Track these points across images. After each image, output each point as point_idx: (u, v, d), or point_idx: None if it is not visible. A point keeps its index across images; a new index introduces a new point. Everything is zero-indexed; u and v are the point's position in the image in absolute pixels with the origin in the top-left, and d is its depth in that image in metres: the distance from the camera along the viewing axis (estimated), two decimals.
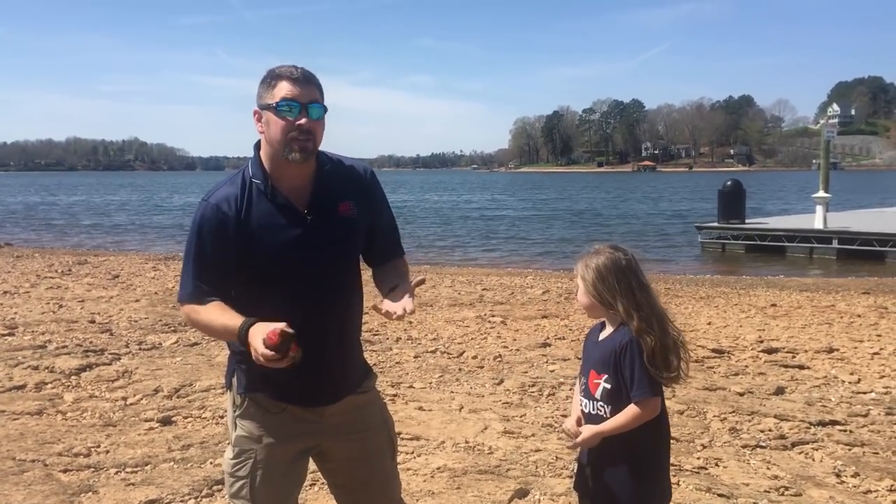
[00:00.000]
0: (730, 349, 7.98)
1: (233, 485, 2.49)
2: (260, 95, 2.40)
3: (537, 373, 6.98)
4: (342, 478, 2.66)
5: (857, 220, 22.62)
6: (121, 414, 5.70)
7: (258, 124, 2.42)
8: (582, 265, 2.55)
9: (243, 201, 2.38)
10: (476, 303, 11.33)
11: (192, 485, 4.34)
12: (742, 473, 4.58)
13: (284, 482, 2.53)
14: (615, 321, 2.53)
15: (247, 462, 2.46)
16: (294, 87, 2.34)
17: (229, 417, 2.55)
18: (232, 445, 2.51)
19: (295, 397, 2.45)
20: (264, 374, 2.28)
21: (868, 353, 7.75)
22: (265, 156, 2.44)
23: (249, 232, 2.35)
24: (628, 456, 2.49)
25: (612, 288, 2.48)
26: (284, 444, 2.48)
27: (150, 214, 43.11)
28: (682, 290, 13.31)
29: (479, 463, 4.72)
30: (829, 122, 23.09)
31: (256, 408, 2.47)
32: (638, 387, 2.42)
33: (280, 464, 2.48)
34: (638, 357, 2.42)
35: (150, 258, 18.34)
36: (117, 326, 8.98)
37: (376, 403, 2.69)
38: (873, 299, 11.83)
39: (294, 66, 2.40)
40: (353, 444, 2.57)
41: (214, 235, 2.35)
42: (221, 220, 2.35)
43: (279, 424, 2.47)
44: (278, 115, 2.33)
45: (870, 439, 5.18)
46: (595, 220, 37.14)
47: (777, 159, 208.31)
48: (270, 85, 2.36)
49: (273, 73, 2.38)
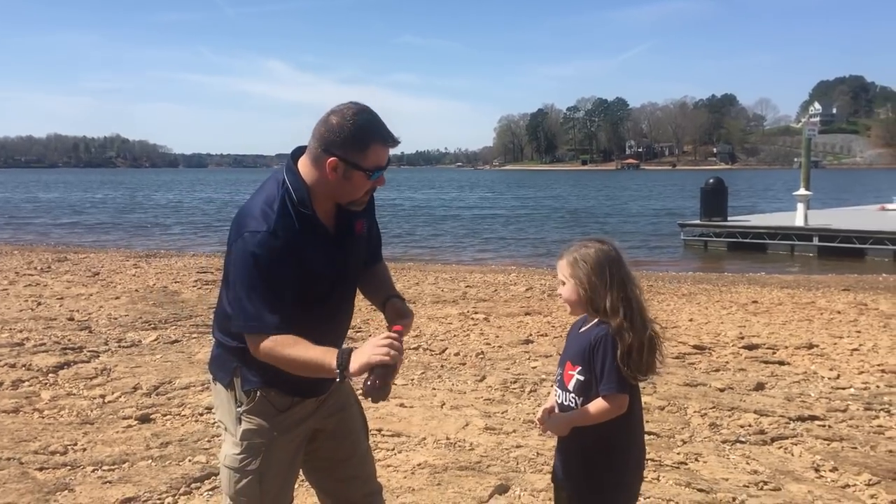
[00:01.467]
0: (711, 345, 8.01)
1: (239, 480, 2.49)
2: (344, 146, 2.31)
3: (519, 369, 6.98)
4: (324, 458, 2.70)
5: (838, 218, 22.82)
6: (99, 412, 5.64)
7: (330, 171, 2.34)
8: (570, 259, 2.53)
9: (294, 227, 2.35)
10: (459, 300, 11.33)
11: (170, 483, 4.30)
12: (721, 468, 4.59)
13: (290, 473, 2.60)
14: (592, 314, 2.53)
15: (257, 456, 2.47)
16: (385, 154, 2.39)
17: (230, 413, 2.53)
18: (237, 441, 2.49)
19: (304, 391, 2.51)
20: (273, 371, 2.37)
21: (847, 349, 7.81)
22: (312, 182, 2.39)
23: (301, 258, 2.35)
24: (597, 449, 2.51)
25: (606, 281, 2.47)
26: (292, 434, 2.53)
27: (131, 212, 42.78)
28: (664, 287, 13.36)
29: (459, 459, 4.70)
30: (810, 120, 23.21)
31: (266, 402, 2.48)
32: (607, 381, 2.43)
33: (288, 455, 2.54)
34: (611, 352, 2.43)
35: (130, 255, 18.19)
36: (96, 324, 8.89)
37: (347, 382, 2.73)
38: (853, 296, 11.92)
39: (379, 119, 2.37)
40: (334, 422, 2.67)
41: (280, 264, 2.30)
42: (283, 248, 2.30)
43: (288, 416, 2.51)
44: (368, 178, 2.36)
45: (848, 434, 5.22)
46: (587, 219, 37.14)
47: (759, 158, 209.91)
48: (363, 144, 2.31)
49: (366, 130, 2.32)
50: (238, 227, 2.36)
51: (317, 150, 2.35)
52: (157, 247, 22.39)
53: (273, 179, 2.45)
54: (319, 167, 2.35)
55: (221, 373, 2.56)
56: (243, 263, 2.30)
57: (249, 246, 2.29)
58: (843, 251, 19.64)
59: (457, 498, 4.15)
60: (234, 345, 2.49)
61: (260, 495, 2.50)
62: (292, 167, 2.42)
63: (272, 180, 2.45)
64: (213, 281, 12.55)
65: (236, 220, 2.40)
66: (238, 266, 2.31)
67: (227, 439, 2.55)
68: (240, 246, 2.31)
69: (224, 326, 2.53)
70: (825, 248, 20.04)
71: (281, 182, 2.40)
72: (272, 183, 2.43)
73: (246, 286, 2.30)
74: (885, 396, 6.08)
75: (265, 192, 2.41)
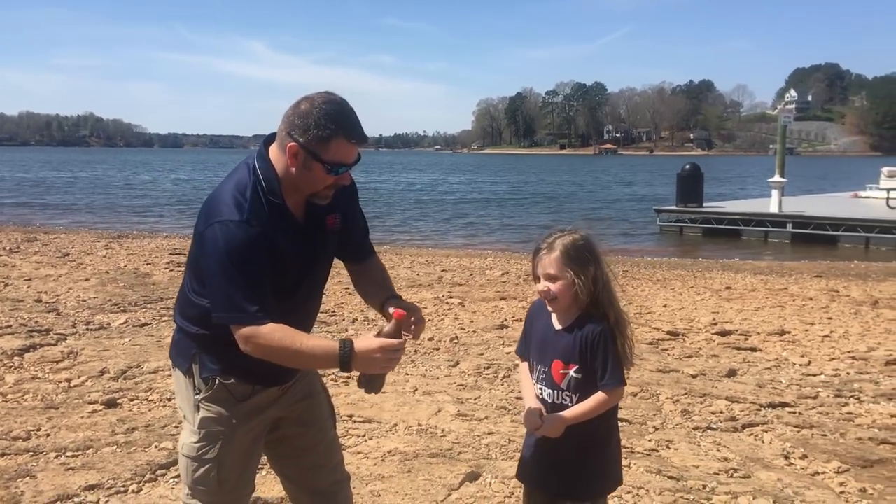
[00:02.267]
0: (684, 331, 8.03)
1: (197, 469, 2.43)
2: (306, 134, 2.21)
3: (493, 355, 6.95)
4: (289, 446, 2.66)
5: (812, 205, 23.03)
6: (64, 396, 5.53)
7: (291, 158, 2.25)
8: (562, 252, 2.41)
9: (265, 215, 2.26)
10: (434, 284, 11.27)
11: (134, 469, 4.22)
12: (692, 455, 4.59)
13: (250, 462, 2.54)
14: (576, 309, 2.47)
15: (215, 444, 2.42)
16: (350, 152, 2.28)
17: (188, 401, 2.47)
18: (195, 429, 2.44)
19: (265, 380, 2.45)
20: (233, 359, 2.31)
21: (819, 335, 7.86)
22: (280, 170, 2.30)
23: (272, 247, 2.25)
24: (591, 442, 2.48)
25: (603, 272, 2.45)
26: (252, 422, 2.48)
27: (103, 192, 42.21)
28: (639, 272, 13.40)
29: (431, 446, 4.66)
30: (786, 107, 23.58)
31: (225, 390, 2.42)
32: (611, 376, 2.41)
33: (248, 443, 2.49)
34: (612, 347, 2.41)
35: (102, 236, 17.93)
36: (65, 306, 8.74)
37: (315, 372, 2.73)
38: (825, 283, 12.03)
39: (352, 113, 2.26)
40: (300, 410, 2.62)
41: (256, 252, 2.21)
42: (257, 236, 2.21)
43: (248, 404, 2.45)
44: (328, 172, 2.26)
45: (818, 421, 5.24)
46: (568, 204, 37.00)
47: (735, 144, 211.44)
48: (325, 137, 2.20)
49: (332, 121, 2.21)
50: (208, 214, 2.26)
51: (283, 132, 2.27)
52: (129, 228, 22.11)
53: (244, 165, 2.35)
54: (284, 152, 2.27)
55: (180, 359, 2.50)
56: (218, 254, 2.19)
57: (224, 235, 2.19)
58: (816, 238, 19.83)
59: (427, 485, 4.11)
60: (194, 331, 2.43)
61: (218, 484, 2.45)
62: (263, 153, 2.34)
63: (243, 166, 2.35)
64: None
65: (207, 207, 2.30)
66: (212, 256, 2.21)
67: (186, 427, 2.50)
68: (212, 235, 2.21)
69: (185, 312, 2.47)
70: (799, 235, 20.22)
71: (252, 168, 2.32)
72: (243, 169, 2.34)
73: (223, 277, 2.20)
74: (855, 384, 6.12)
75: (235, 177, 2.32)
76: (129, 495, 3.96)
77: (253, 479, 2.61)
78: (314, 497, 2.73)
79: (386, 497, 3.97)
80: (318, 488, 2.72)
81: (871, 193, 26.55)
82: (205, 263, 2.25)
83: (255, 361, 2.30)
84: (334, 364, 2.17)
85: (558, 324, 2.51)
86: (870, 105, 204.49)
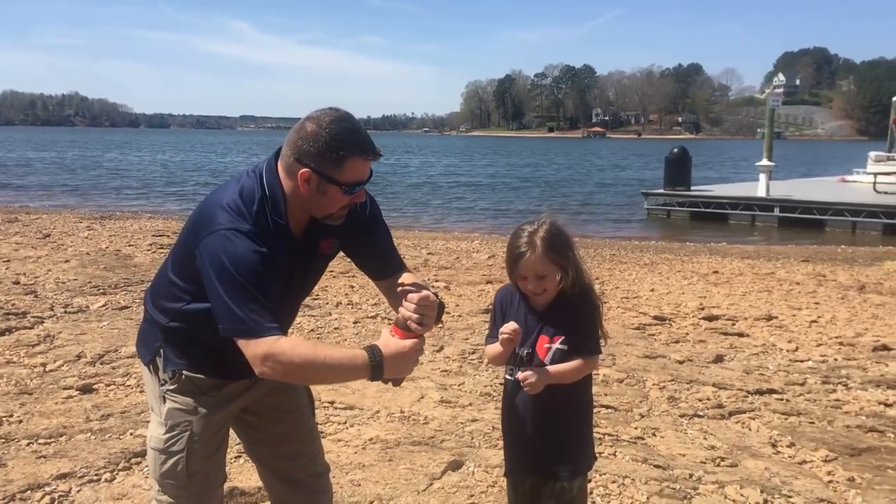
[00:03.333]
0: (671, 316, 7.96)
1: (165, 462, 2.35)
2: (319, 158, 2.11)
3: (478, 340, 6.85)
4: (266, 433, 2.58)
5: (799, 189, 23.01)
6: (38, 381, 5.40)
7: (303, 183, 2.14)
8: (543, 250, 2.45)
9: (269, 230, 2.15)
10: (420, 267, 11.16)
11: (108, 458, 4.11)
12: (679, 444, 4.52)
13: (219, 451, 2.46)
14: (553, 292, 2.52)
15: (182, 435, 2.33)
16: (365, 169, 2.18)
17: (154, 392, 2.39)
18: (162, 420, 2.35)
19: (234, 374, 2.35)
20: (200, 354, 2.27)
21: (806, 321, 7.81)
22: (287, 190, 2.20)
23: (273, 262, 2.14)
24: (576, 408, 2.59)
25: (576, 253, 2.55)
26: (220, 412, 2.40)
27: (88, 172, 41.76)
28: (626, 256, 13.34)
29: (413, 434, 4.57)
30: (774, 91, 23.30)
31: (191, 383, 2.34)
32: (594, 346, 2.53)
33: (217, 434, 2.42)
34: (593, 318, 2.55)
35: (84, 217, 17.70)
36: (43, 288, 8.58)
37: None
38: (812, 267, 12.00)
39: (361, 129, 2.17)
40: (275, 396, 2.54)
41: (263, 262, 2.09)
42: (261, 245, 2.10)
43: (216, 395, 2.37)
44: (344, 193, 2.16)
45: (806, 409, 5.18)
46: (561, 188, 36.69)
47: (723, 128, 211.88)
48: (339, 156, 2.10)
49: (344, 141, 2.11)
50: (210, 220, 2.13)
51: (289, 158, 2.16)
52: (112, 209, 21.84)
53: (252, 175, 2.23)
54: (292, 177, 2.16)
55: (144, 350, 2.42)
56: (221, 263, 2.06)
57: (228, 244, 2.07)
58: (803, 222, 19.84)
59: (408, 474, 4.03)
60: (164, 323, 2.34)
61: (187, 477, 2.36)
62: (273, 168, 2.22)
63: (251, 175, 2.23)
64: (170, 245, 12.22)
65: (207, 212, 2.17)
66: (216, 266, 2.07)
67: (153, 419, 2.42)
68: (216, 240, 2.08)
69: (159, 302, 2.37)
70: (786, 219, 20.22)
71: (260, 180, 2.20)
72: (251, 179, 2.22)
73: (229, 288, 2.06)
74: (843, 370, 6.07)
75: (241, 185, 2.20)
76: (101, 484, 3.85)
77: (223, 469, 2.53)
78: (290, 487, 2.64)
79: (366, 486, 3.88)
80: (296, 478, 2.63)
81: (858, 178, 26.59)
82: (208, 272, 2.10)
83: (221, 357, 2.23)
84: (364, 374, 2.04)
85: (539, 306, 2.55)
86: (857, 89, 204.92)
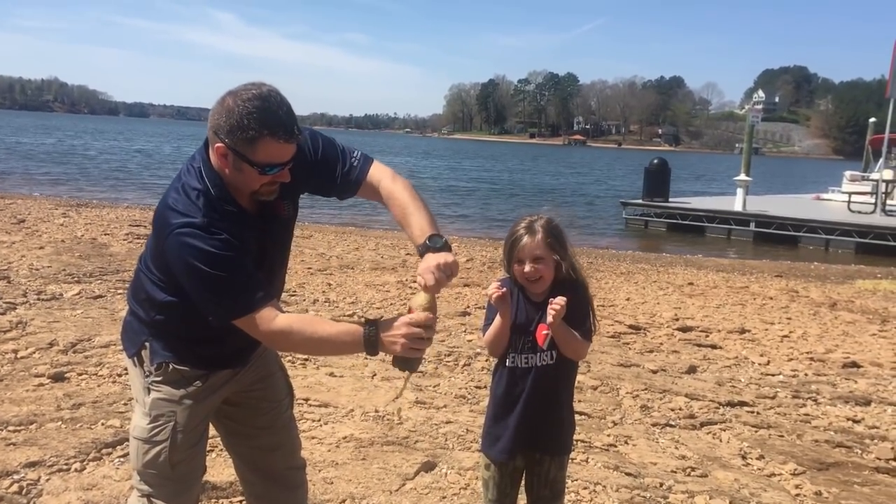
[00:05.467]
0: (646, 326, 8.03)
1: (148, 451, 2.34)
2: (232, 134, 2.06)
3: (454, 342, 6.87)
4: (244, 424, 2.58)
5: (775, 205, 23.26)
6: (9, 368, 5.33)
7: (220, 158, 2.12)
8: (544, 235, 2.57)
9: (222, 219, 2.12)
10: (399, 267, 11.16)
11: (79, 447, 4.07)
12: (650, 452, 4.56)
13: (200, 442, 2.46)
14: (549, 281, 2.62)
15: (166, 426, 2.33)
16: (282, 151, 2.10)
17: (139, 383, 2.38)
18: (146, 411, 2.34)
19: (219, 364, 2.38)
20: (186, 346, 2.27)
21: (778, 335, 7.91)
22: (218, 170, 2.17)
23: (236, 243, 2.12)
24: (569, 395, 2.74)
25: (572, 250, 2.67)
26: (204, 403, 2.40)
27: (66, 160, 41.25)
28: (603, 264, 13.41)
29: (387, 434, 4.57)
30: (754, 107, 23.53)
31: (177, 373, 2.33)
32: (588, 332, 2.63)
33: (200, 425, 2.43)
34: (590, 306, 2.66)
35: (60, 203, 17.49)
36: (16, 274, 8.46)
37: (272, 350, 2.65)
38: (785, 282, 12.15)
39: (279, 109, 2.07)
40: (256, 389, 2.56)
41: (224, 249, 2.07)
42: (217, 231, 2.08)
43: (200, 385, 2.37)
44: (261, 173, 2.11)
45: (776, 422, 5.25)
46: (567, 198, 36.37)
47: (702, 141, 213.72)
48: (251, 136, 2.04)
49: (257, 121, 2.04)
50: (164, 223, 2.13)
51: (210, 131, 2.13)
52: (88, 196, 21.60)
53: (192, 169, 2.21)
54: (213, 152, 2.15)
55: (129, 344, 2.41)
56: (187, 262, 2.06)
57: (186, 242, 2.06)
58: (777, 238, 20.07)
59: (381, 474, 4.03)
60: (146, 317, 2.34)
61: (170, 467, 2.35)
62: (206, 156, 2.20)
63: (191, 171, 2.21)
64: (146, 235, 12.10)
65: (160, 216, 2.16)
66: (183, 267, 2.07)
67: (137, 409, 2.41)
68: (174, 243, 2.07)
69: (138, 296, 2.37)
70: (761, 234, 20.44)
71: (199, 175, 2.18)
72: (191, 174, 2.20)
73: (205, 282, 2.07)
74: (813, 385, 6.15)
75: (182, 182, 2.19)
76: (71, 474, 3.81)
77: (204, 460, 2.52)
78: (267, 481, 2.64)
79: (339, 485, 3.88)
80: (272, 471, 2.63)
81: (832, 196, 26.92)
82: (180, 274, 2.10)
83: (210, 350, 2.28)
84: (359, 348, 2.05)
85: (536, 297, 2.63)
86: (835, 109, 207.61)
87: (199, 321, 2.16)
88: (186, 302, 2.17)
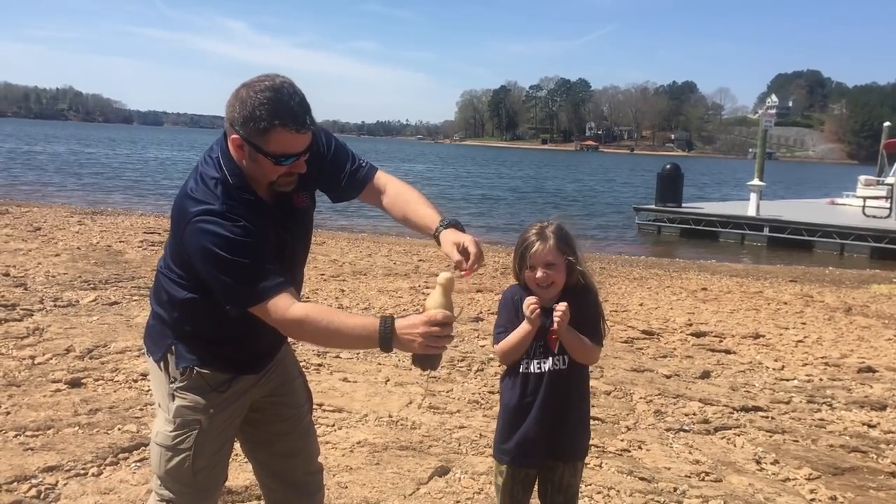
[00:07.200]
0: (659, 331, 8.01)
1: (171, 459, 2.35)
2: (245, 125, 2.10)
3: (467, 347, 6.88)
4: (264, 430, 2.59)
5: (789, 210, 23.13)
6: (27, 373, 5.39)
7: (236, 149, 2.17)
8: (556, 241, 2.60)
9: (240, 207, 2.15)
10: (411, 273, 11.18)
11: (96, 452, 4.10)
12: (664, 457, 4.56)
13: (225, 451, 2.48)
14: (560, 286, 2.64)
15: (191, 433, 2.34)
16: (295, 141, 2.14)
17: (163, 389, 2.39)
18: (170, 418, 2.36)
19: (243, 368, 2.40)
20: (211, 348, 2.29)
21: (793, 340, 7.88)
22: (237, 159, 2.21)
23: (254, 231, 2.15)
24: (580, 408, 2.73)
25: (582, 256, 2.69)
26: (229, 410, 2.41)
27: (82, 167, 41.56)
28: (616, 270, 13.40)
29: (400, 438, 4.59)
30: (767, 112, 23.49)
31: (201, 380, 2.34)
32: (599, 337, 2.65)
33: (223, 432, 2.43)
34: (600, 310, 2.70)
35: (76, 211, 17.62)
36: (33, 281, 8.55)
37: (291, 354, 2.69)
38: (800, 287, 12.09)
39: (291, 99, 2.10)
40: (277, 395, 2.57)
41: (243, 235, 2.10)
42: (237, 217, 2.12)
43: (224, 392, 2.39)
44: (276, 164, 2.15)
45: (791, 427, 5.23)
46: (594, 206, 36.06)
47: (715, 146, 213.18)
48: (263, 127, 2.09)
49: (270, 111, 2.08)
50: (182, 213, 2.16)
51: (226, 123, 2.18)
52: (104, 204, 21.77)
53: (209, 160, 2.25)
54: (229, 143, 2.19)
55: (154, 347, 2.42)
56: (206, 250, 2.09)
57: (206, 229, 2.09)
58: (792, 242, 19.96)
59: (395, 479, 4.04)
60: (170, 319, 2.36)
61: (192, 475, 2.37)
62: (224, 147, 2.23)
63: (209, 161, 2.25)
64: (161, 242, 12.19)
65: (178, 206, 2.19)
66: (202, 254, 2.10)
67: (160, 415, 2.42)
68: (193, 230, 2.10)
69: (160, 298, 2.39)
70: (775, 239, 20.34)
71: (217, 164, 2.22)
72: (209, 164, 2.24)
73: (224, 269, 2.09)
74: (828, 390, 6.13)
75: (200, 172, 2.23)
76: (88, 478, 3.85)
77: (227, 467, 2.53)
78: (285, 486, 2.66)
79: (353, 489, 3.90)
80: (291, 477, 2.65)
81: (847, 201, 26.76)
82: (199, 262, 2.13)
83: (233, 351, 2.30)
84: (374, 343, 2.05)
85: (547, 302, 2.63)
86: (849, 114, 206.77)
87: (221, 318, 2.18)
88: (207, 298, 2.19)
